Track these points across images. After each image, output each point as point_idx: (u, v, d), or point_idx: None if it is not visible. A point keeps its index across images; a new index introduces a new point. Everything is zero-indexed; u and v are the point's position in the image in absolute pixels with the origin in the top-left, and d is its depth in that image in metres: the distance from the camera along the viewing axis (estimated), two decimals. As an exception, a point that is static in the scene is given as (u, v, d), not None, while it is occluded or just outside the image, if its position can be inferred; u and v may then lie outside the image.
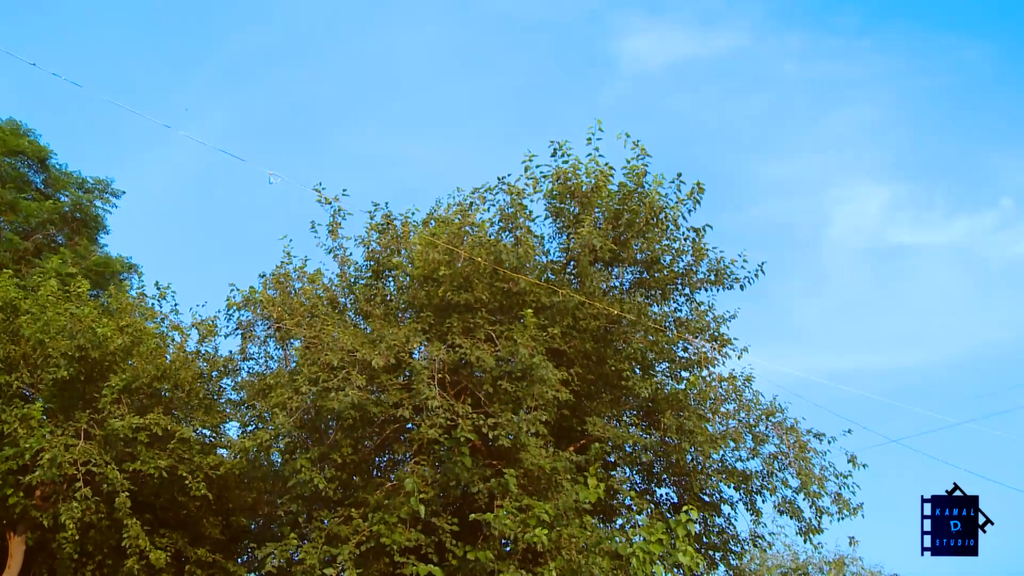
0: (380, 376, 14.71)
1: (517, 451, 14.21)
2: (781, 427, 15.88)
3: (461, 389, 15.28)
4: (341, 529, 14.46)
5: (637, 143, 16.64)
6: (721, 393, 16.19)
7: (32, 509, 15.98)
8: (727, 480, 16.35)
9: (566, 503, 13.80)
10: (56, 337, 16.18)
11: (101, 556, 16.75)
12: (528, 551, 14.32)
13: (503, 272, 15.32)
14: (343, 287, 17.77)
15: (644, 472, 17.70)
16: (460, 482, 14.35)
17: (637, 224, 16.18)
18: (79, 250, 26.35)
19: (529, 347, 14.22)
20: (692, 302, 17.41)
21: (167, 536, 16.84)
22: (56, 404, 16.53)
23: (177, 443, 16.28)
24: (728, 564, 17.38)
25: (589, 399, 16.71)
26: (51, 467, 14.89)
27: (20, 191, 26.67)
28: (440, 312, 15.82)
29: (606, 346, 16.46)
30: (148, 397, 17.07)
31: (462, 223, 16.60)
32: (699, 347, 16.70)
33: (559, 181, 16.72)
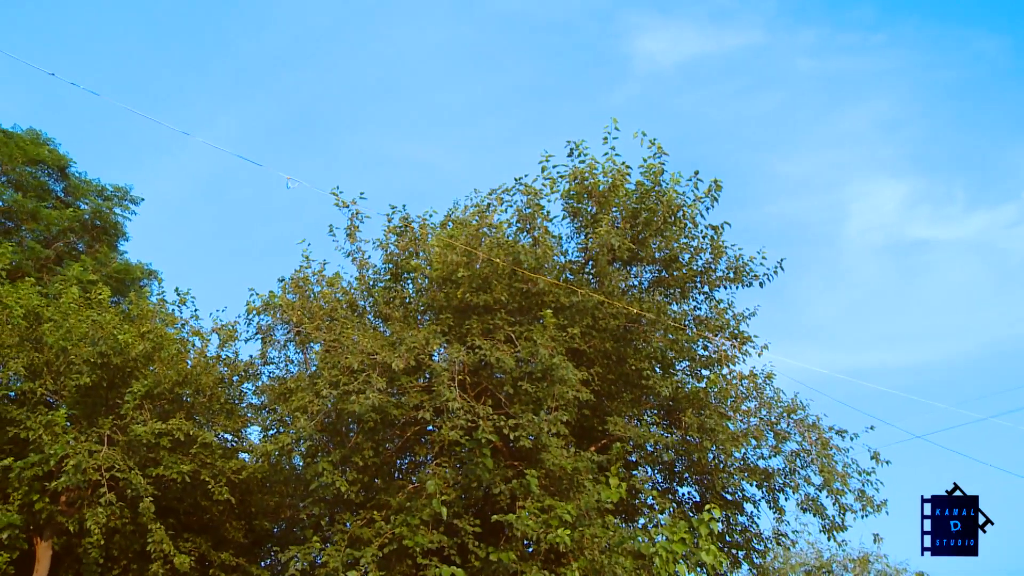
0: (400, 378, 14.73)
1: (538, 452, 14.18)
2: (803, 424, 15.79)
3: (481, 390, 15.28)
4: (364, 532, 14.48)
5: (654, 141, 16.62)
6: (742, 391, 16.10)
7: (58, 515, 16.10)
8: (749, 478, 16.27)
9: (588, 503, 13.77)
10: (78, 344, 16.30)
11: (126, 560, 16.88)
12: (551, 551, 14.32)
13: (522, 273, 15.31)
14: (362, 290, 17.80)
15: (666, 471, 17.64)
16: (482, 483, 14.35)
17: (655, 223, 16.15)
18: (99, 257, 26.54)
19: (549, 347, 14.20)
20: (711, 300, 17.37)
21: (191, 540, 16.96)
22: (79, 410, 16.65)
23: (199, 448, 16.39)
24: (751, 562, 17.30)
25: (610, 399, 16.68)
26: (76, 473, 15.01)
27: (41, 200, 26.90)
28: (459, 314, 15.84)
29: (626, 345, 16.43)
30: (170, 402, 17.18)
31: (480, 224, 16.60)
32: (719, 345, 16.64)
33: (576, 181, 16.71)
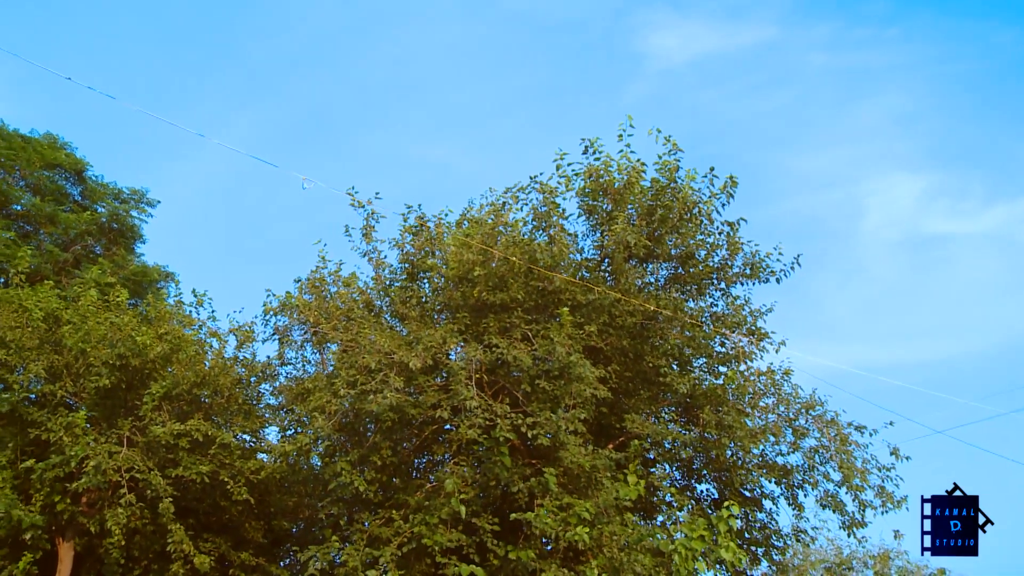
0: (418, 378, 14.74)
1: (556, 450, 14.18)
2: (821, 420, 15.71)
3: (499, 389, 15.27)
4: (382, 531, 14.50)
5: (669, 138, 16.60)
6: (759, 387, 16.04)
7: (79, 515, 16.21)
8: (768, 475, 16.22)
9: (606, 501, 13.76)
10: (97, 346, 16.39)
11: (147, 561, 16.98)
12: (569, 549, 14.32)
13: (538, 271, 15.31)
14: (378, 290, 17.82)
15: (684, 468, 17.60)
16: (500, 482, 14.36)
17: (671, 220, 16.12)
18: (117, 260, 26.68)
19: (566, 345, 14.19)
20: (728, 296, 17.32)
21: (210, 541, 17.02)
22: (99, 412, 16.74)
23: (218, 448, 16.45)
24: (771, 559, 17.25)
25: (627, 396, 16.65)
26: (96, 474, 15.09)
27: (59, 203, 27.06)
28: (476, 312, 15.84)
29: (643, 343, 16.40)
30: (188, 403, 17.26)
31: (495, 223, 16.59)
32: (736, 341, 16.58)
33: (591, 179, 16.70)
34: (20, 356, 16.44)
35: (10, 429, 16.47)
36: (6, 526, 15.42)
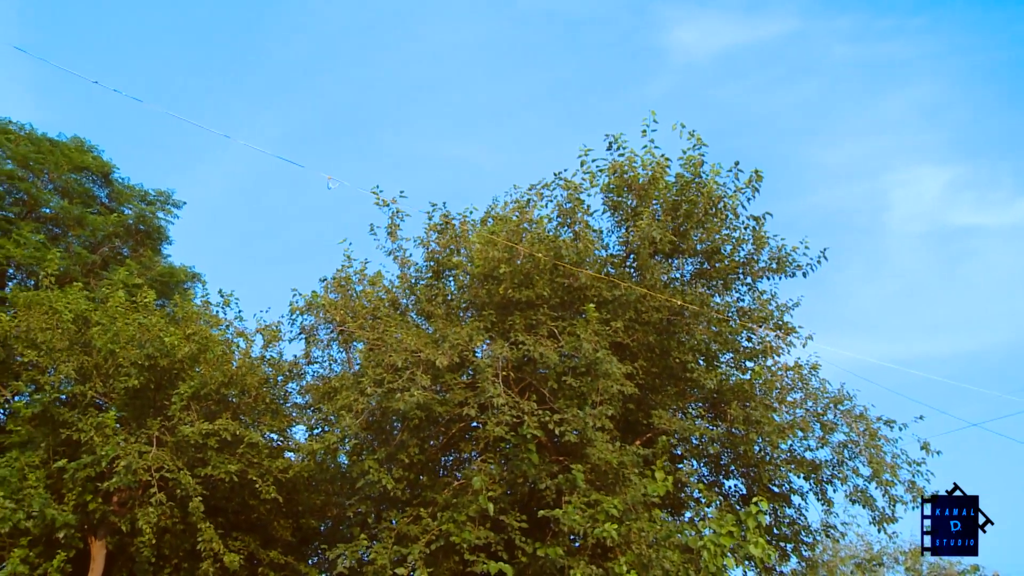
0: (444, 375, 14.77)
1: (583, 446, 14.16)
2: (850, 415, 15.61)
3: (525, 386, 15.27)
4: (410, 529, 14.54)
5: (693, 133, 16.50)
6: (787, 382, 15.97)
7: (111, 515, 16.36)
8: (796, 470, 16.13)
9: (634, 497, 13.73)
10: (126, 347, 16.53)
11: (177, 559, 17.14)
12: (598, 546, 14.30)
13: (563, 267, 15.29)
14: (404, 288, 17.85)
15: (712, 464, 17.53)
16: (527, 479, 14.35)
17: (696, 214, 16.04)
18: (144, 261, 26.87)
19: (592, 342, 14.16)
20: (754, 291, 17.23)
21: (240, 539, 17.15)
22: (129, 412, 16.89)
23: (246, 448, 16.55)
24: (800, 555, 17.17)
25: (654, 392, 16.60)
26: (127, 473, 15.23)
27: (86, 206, 27.27)
28: (502, 310, 15.85)
29: (669, 338, 16.33)
30: (216, 403, 17.37)
31: (520, 220, 16.59)
32: (763, 336, 16.49)
33: (615, 174, 16.65)
34: (51, 357, 16.64)
35: (42, 429, 16.66)
36: (40, 525, 15.60)
